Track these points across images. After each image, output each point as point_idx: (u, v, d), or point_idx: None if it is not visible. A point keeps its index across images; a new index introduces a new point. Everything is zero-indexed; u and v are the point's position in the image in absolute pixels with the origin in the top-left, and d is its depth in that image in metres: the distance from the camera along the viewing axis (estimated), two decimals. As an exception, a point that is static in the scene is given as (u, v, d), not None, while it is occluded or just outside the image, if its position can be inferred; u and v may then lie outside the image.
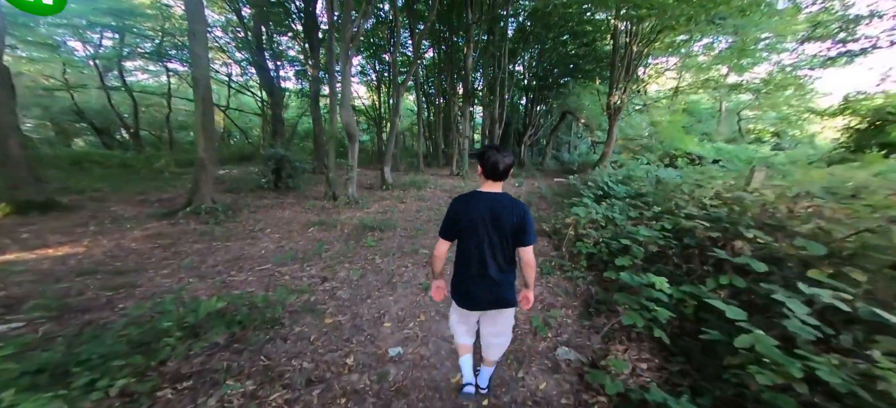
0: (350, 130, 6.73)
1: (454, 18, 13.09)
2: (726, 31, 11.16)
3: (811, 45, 9.77)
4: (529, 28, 15.97)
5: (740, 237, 2.30)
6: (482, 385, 1.87)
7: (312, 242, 4.93)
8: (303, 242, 4.99)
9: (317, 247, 4.65)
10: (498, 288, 1.54)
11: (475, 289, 1.55)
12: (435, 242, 1.65)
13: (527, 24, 15.51)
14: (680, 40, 11.35)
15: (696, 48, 14.44)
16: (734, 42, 12.39)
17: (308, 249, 4.69)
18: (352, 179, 7.11)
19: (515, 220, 1.46)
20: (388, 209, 7.12)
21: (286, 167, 8.16)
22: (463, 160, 12.62)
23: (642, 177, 5.87)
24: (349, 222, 5.96)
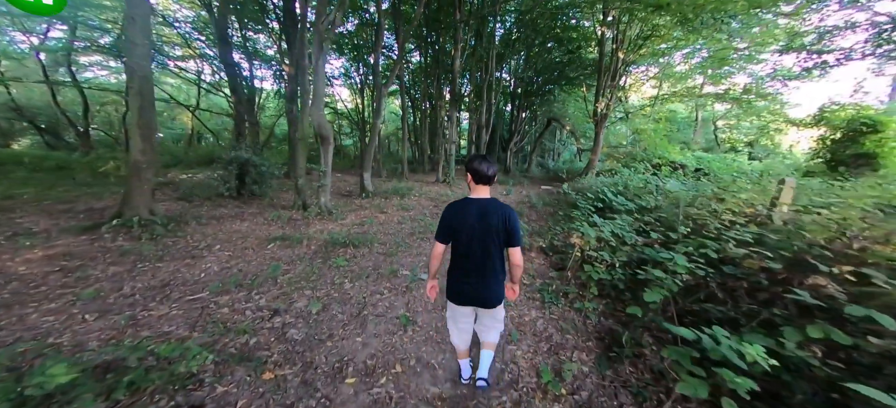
0: (322, 132, 5.89)
1: (441, 18, 12.51)
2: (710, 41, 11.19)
3: (787, 56, 9.84)
4: (516, 35, 15.68)
5: (816, 272, 1.71)
6: (484, 375, 1.95)
7: (269, 263, 4.06)
8: (256, 262, 4.10)
9: (271, 268, 3.78)
10: (487, 288, 1.68)
11: (466, 287, 1.69)
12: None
13: (513, 30, 15.19)
14: (664, 48, 11.26)
15: (677, 58, 14.59)
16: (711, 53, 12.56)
17: (261, 270, 3.82)
18: (324, 187, 6.25)
19: (502, 222, 1.60)
20: (365, 221, 6.29)
21: (251, 172, 7.18)
22: (449, 166, 11.95)
23: (640, 186, 5.38)
24: (318, 237, 5.10)
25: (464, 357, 2.03)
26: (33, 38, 11.75)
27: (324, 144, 6.06)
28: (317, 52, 5.65)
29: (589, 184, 8.43)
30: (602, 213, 4.74)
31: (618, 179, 6.97)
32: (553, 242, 4.69)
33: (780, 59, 9.88)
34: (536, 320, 3.03)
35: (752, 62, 10.93)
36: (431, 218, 6.86)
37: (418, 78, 18.29)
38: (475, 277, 1.66)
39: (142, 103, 4.52)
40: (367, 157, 8.51)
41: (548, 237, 5.06)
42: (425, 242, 5.28)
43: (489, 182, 1.64)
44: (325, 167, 6.15)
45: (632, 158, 13.57)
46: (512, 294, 1.83)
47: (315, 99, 5.74)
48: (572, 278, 3.52)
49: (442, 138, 13.09)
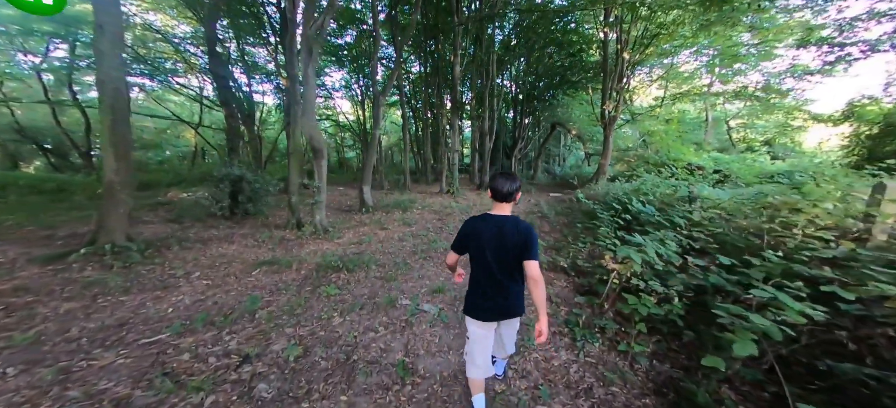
0: (315, 144, 5.42)
1: (439, 25, 12.17)
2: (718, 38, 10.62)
3: (805, 52, 9.21)
4: (515, 40, 15.32)
5: None
6: (498, 373, 2.11)
7: (253, 291, 3.52)
8: (237, 291, 3.56)
9: (249, 302, 3.23)
10: (506, 300, 1.67)
11: (487, 301, 1.67)
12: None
13: (512, 36, 14.83)
14: (670, 47, 10.71)
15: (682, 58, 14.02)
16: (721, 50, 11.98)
17: (240, 303, 3.28)
18: (320, 204, 5.74)
19: (520, 239, 1.57)
20: (364, 239, 5.75)
21: (245, 190, 6.72)
22: (453, 176, 11.42)
23: (669, 193, 4.74)
24: (310, 260, 4.56)
25: (479, 392, 1.82)
26: (35, 57, 11.69)
27: (317, 157, 5.58)
28: (306, 59, 5.23)
29: (604, 190, 7.81)
30: (628, 226, 4.12)
31: (640, 184, 6.33)
32: (576, 261, 4.07)
33: (797, 54, 9.25)
34: (569, 366, 2.41)
35: (768, 59, 10.31)
36: (435, 233, 6.29)
37: (419, 87, 17.99)
38: (498, 290, 1.65)
39: (114, 118, 4.09)
40: (366, 169, 8.03)
41: (568, 254, 4.44)
42: (429, 263, 4.70)
43: (508, 199, 1.62)
44: (318, 182, 5.66)
45: (644, 161, 12.91)
46: (540, 337, 1.56)
47: (305, 109, 5.29)
48: (609, 310, 2.88)
49: (444, 147, 12.61)
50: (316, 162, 5.61)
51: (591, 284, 3.49)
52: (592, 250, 4.20)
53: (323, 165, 5.63)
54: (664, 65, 14.75)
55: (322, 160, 5.61)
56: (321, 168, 5.63)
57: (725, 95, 14.15)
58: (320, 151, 5.53)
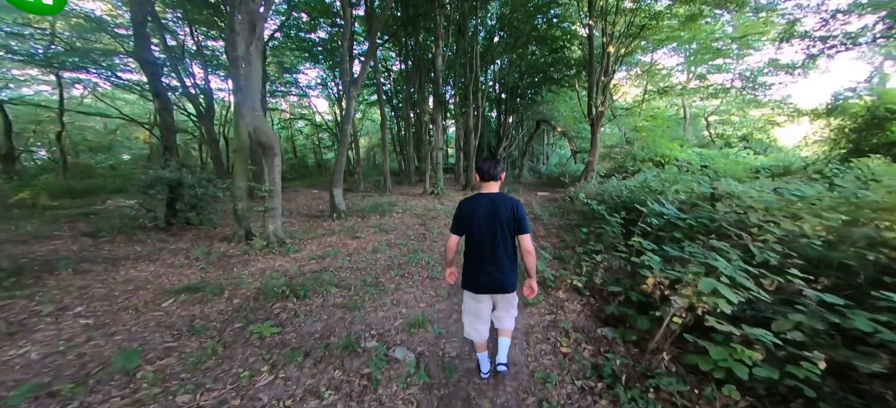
0: (261, 138, 4.32)
1: (419, 20, 11.23)
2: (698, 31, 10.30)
3: (787, 46, 8.98)
4: (497, 38, 14.62)
5: None
6: (503, 361, 1.98)
7: (157, 330, 2.43)
8: (126, 335, 2.46)
9: (122, 359, 2.14)
10: (501, 274, 1.74)
11: (482, 275, 1.75)
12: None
13: (495, 30, 14.10)
14: (659, 37, 10.28)
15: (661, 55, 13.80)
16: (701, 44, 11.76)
17: (108, 356, 2.19)
18: (272, 211, 4.64)
19: (510, 213, 1.71)
20: (328, 251, 4.70)
21: (184, 196, 5.50)
22: (437, 176, 10.47)
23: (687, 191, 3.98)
24: (249, 284, 3.48)
25: (482, 350, 1.97)
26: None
27: (266, 155, 4.48)
28: (248, 36, 4.14)
29: (598, 189, 7.07)
30: (651, 233, 3.32)
31: (643, 180, 5.60)
32: (587, 273, 3.23)
33: (779, 47, 9.02)
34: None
35: (751, 49, 10.11)
36: (416, 241, 5.33)
37: (400, 85, 16.95)
38: (491, 265, 1.72)
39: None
40: (337, 170, 6.94)
41: (579, 267, 3.60)
42: (407, 281, 3.74)
43: (494, 179, 1.78)
44: (270, 185, 4.56)
45: (631, 158, 12.49)
46: (530, 292, 1.84)
47: (247, 95, 4.19)
48: (665, 357, 1.97)
49: (427, 146, 11.66)
50: (266, 161, 4.51)
51: (625, 315, 2.63)
52: (612, 265, 3.36)
53: (275, 164, 4.54)
54: (643, 63, 14.51)
55: (273, 158, 4.52)
56: (273, 168, 4.53)
57: (704, 92, 14.05)
58: (270, 147, 4.43)
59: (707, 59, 11.59)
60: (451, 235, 1.84)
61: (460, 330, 2.47)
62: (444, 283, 3.73)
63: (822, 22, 7.85)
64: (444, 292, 3.44)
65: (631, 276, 3.09)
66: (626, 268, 3.12)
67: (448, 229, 6.46)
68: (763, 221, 2.43)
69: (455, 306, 3.15)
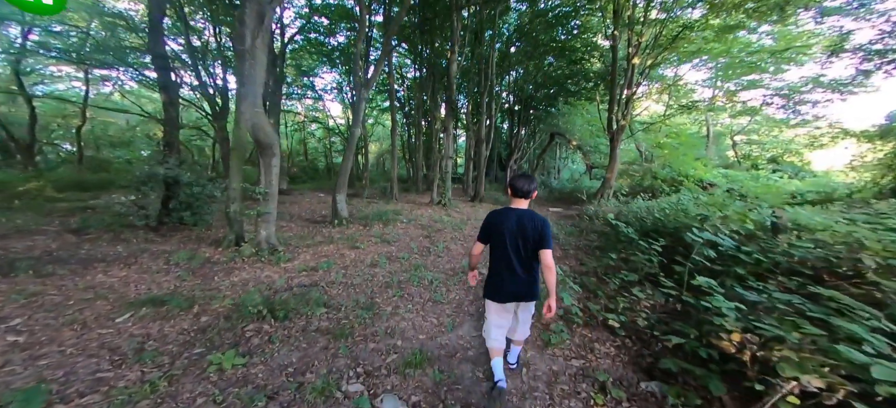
0: (259, 136, 3.94)
1: (436, 21, 10.98)
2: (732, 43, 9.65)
3: (836, 60, 8.21)
4: (514, 49, 14.27)
5: None
6: (512, 361, 2.12)
7: (101, 351, 1.97)
8: (58, 360, 2.01)
9: (24, 400, 1.67)
10: (523, 284, 1.80)
11: (505, 285, 1.82)
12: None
13: (513, 39, 13.75)
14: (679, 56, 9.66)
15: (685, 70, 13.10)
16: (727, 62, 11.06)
17: (18, 389, 1.71)
18: (267, 216, 4.22)
19: (537, 230, 1.74)
20: (323, 263, 4.23)
21: (179, 194, 5.17)
22: (445, 186, 9.99)
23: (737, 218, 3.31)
24: (226, 297, 3.02)
25: (498, 356, 1.96)
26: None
27: (263, 155, 4.09)
28: (254, 27, 3.81)
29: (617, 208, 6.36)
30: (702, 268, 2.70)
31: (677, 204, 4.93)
32: (631, 315, 2.62)
33: (827, 63, 8.28)
34: None
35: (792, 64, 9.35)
36: (419, 256, 4.81)
37: (413, 92, 16.74)
38: (515, 276, 1.77)
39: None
40: (342, 174, 6.54)
41: (615, 303, 2.99)
42: (406, 304, 3.21)
43: (526, 196, 1.81)
44: (266, 188, 4.15)
45: (652, 176, 11.72)
46: (549, 312, 1.81)
47: (247, 91, 3.84)
48: None
49: (437, 154, 11.24)
50: (263, 161, 4.13)
51: (686, 374, 2.00)
52: (656, 302, 2.73)
53: (273, 164, 4.14)
54: (665, 78, 13.85)
55: (272, 158, 4.12)
56: (270, 169, 4.13)
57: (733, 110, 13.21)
58: (268, 147, 4.04)
59: (739, 73, 10.85)
60: (477, 243, 1.91)
61: (466, 377, 2.15)
62: (449, 307, 3.19)
63: (880, 34, 7.09)
64: (448, 321, 2.89)
65: (680, 317, 2.47)
66: (674, 307, 2.50)
67: (454, 243, 5.74)
68: (880, 264, 1.80)
69: (461, 341, 2.60)
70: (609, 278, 3.44)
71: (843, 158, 10.35)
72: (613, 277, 3.39)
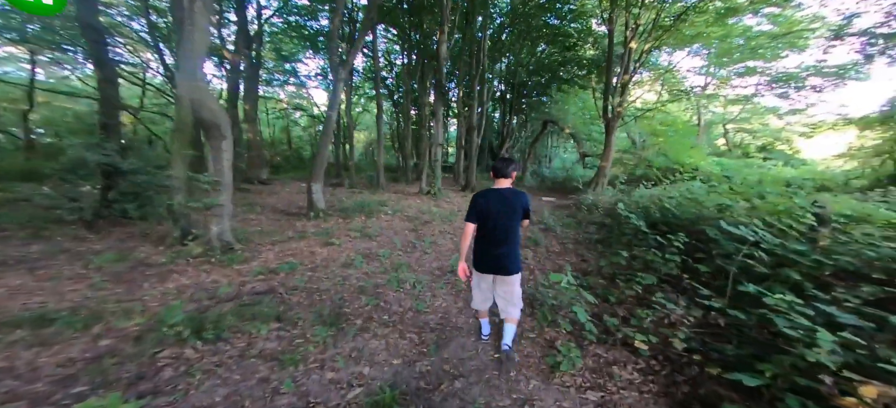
0: (202, 115, 3.18)
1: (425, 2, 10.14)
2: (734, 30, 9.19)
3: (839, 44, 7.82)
4: (506, 37, 13.51)
5: None
6: (508, 342, 2.05)
7: None
8: None
9: None
10: (505, 259, 1.93)
11: (487, 258, 1.95)
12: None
13: (504, 23, 12.99)
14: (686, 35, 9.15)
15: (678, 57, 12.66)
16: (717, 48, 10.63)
17: None
18: (217, 209, 3.51)
19: (521, 203, 1.94)
20: (286, 264, 3.57)
21: (120, 184, 4.39)
22: (435, 175, 9.34)
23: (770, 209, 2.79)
24: (149, 309, 2.35)
25: (484, 317, 2.24)
26: None
27: (209, 137, 3.36)
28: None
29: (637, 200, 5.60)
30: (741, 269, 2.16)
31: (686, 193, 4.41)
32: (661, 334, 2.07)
33: (828, 49, 7.91)
34: None
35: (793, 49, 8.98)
36: (403, 253, 4.19)
37: (402, 78, 15.84)
38: (497, 249, 1.91)
39: None
40: (317, 163, 5.80)
41: (621, 304, 2.45)
42: (381, 316, 2.62)
43: (507, 176, 1.94)
44: (214, 176, 3.43)
45: (646, 164, 11.33)
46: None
47: (186, 62, 3.08)
48: None
49: (427, 142, 10.53)
50: (209, 144, 3.40)
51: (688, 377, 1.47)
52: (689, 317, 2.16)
53: (223, 148, 3.41)
54: (658, 66, 13.38)
55: (221, 141, 3.38)
56: (220, 153, 3.41)
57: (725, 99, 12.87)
58: (214, 127, 3.30)
59: (737, 60, 10.44)
60: (468, 223, 1.95)
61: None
62: (434, 318, 2.61)
63: (886, 15, 6.68)
64: (432, 339, 2.32)
65: (725, 336, 1.93)
66: (715, 323, 1.96)
67: (443, 238, 5.05)
68: None
69: (447, 367, 2.03)
70: (621, 281, 2.90)
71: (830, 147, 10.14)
72: (627, 279, 2.86)
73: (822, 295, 1.67)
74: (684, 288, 2.46)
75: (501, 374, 1.91)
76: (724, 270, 2.36)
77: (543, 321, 2.41)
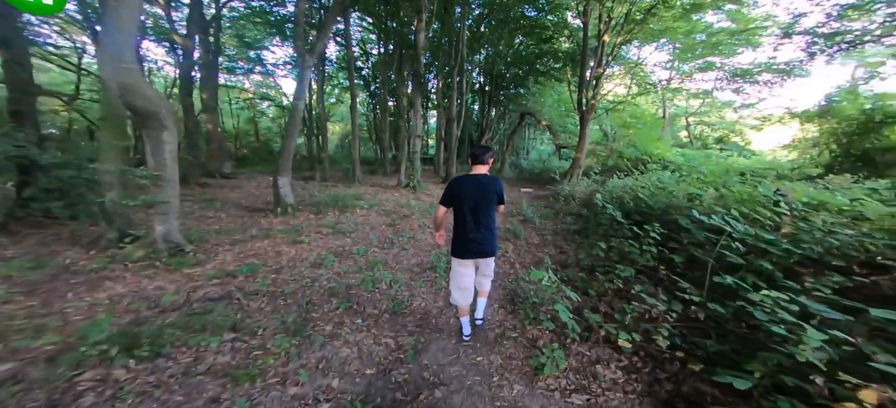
0: (133, 102, 2.68)
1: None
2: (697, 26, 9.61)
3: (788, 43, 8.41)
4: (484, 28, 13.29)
5: None
6: (480, 316, 2.26)
7: None
8: None
9: None
10: (484, 242, 1.98)
11: (469, 243, 1.97)
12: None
13: (483, 14, 12.75)
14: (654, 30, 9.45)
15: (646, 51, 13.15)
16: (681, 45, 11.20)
17: None
18: (161, 207, 3.06)
19: (495, 191, 2.00)
20: (243, 266, 3.22)
21: (40, 180, 3.75)
22: (414, 167, 9.05)
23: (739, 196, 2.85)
24: (72, 324, 1.97)
25: (465, 315, 2.16)
26: None
27: (145, 127, 2.90)
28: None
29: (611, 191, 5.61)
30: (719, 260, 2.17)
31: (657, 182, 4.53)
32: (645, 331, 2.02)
33: (778, 46, 8.49)
34: None
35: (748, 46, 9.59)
36: (379, 249, 3.96)
37: (379, 69, 15.18)
38: (476, 233, 1.95)
39: None
40: (284, 155, 5.32)
41: (601, 298, 2.41)
42: (353, 320, 2.41)
43: (484, 163, 2.00)
44: (155, 170, 2.98)
45: (618, 156, 11.74)
46: None
47: (111, 40, 2.58)
48: None
49: (404, 132, 10.17)
50: (146, 135, 2.94)
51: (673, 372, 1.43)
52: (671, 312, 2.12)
53: (164, 140, 2.94)
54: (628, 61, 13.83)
55: (161, 132, 2.92)
56: (160, 145, 2.94)
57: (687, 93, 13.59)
58: (152, 115, 2.82)
59: (699, 55, 11.00)
60: (440, 206, 2.02)
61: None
62: (413, 321, 2.43)
63: (827, 15, 7.24)
64: (410, 343, 2.14)
65: (703, 330, 1.92)
66: (695, 317, 1.95)
67: (422, 232, 4.92)
68: None
69: (426, 375, 1.87)
70: (600, 273, 2.88)
71: (776, 139, 11.00)
72: (606, 271, 2.84)
73: (793, 285, 1.69)
74: (661, 279, 2.46)
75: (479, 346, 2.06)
76: (697, 260, 2.39)
77: (526, 320, 2.31)
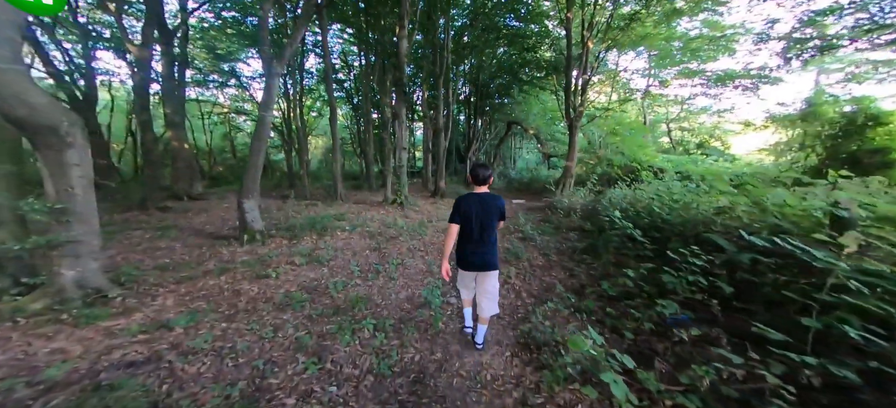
0: (18, 113, 1.98)
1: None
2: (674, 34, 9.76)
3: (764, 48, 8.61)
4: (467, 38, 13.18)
5: None
6: (478, 342, 2.27)
7: None
8: None
9: None
10: (486, 255, 2.08)
11: (471, 257, 2.09)
12: None
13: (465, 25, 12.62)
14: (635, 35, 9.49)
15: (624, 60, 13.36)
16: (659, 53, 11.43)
17: None
18: (73, 247, 2.35)
19: (498, 207, 2.11)
20: (181, 316, 2.53)
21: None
22: (400, 182, 8.48)
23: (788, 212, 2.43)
24: None
25: (468, 306, 2.41)
26: None
27: (41, 146, 2.21)
28: None
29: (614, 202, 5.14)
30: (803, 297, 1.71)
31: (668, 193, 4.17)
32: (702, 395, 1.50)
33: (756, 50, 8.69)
34: None
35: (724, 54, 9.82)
36: (362, 281, 3.33)
37: (361, 81, 14.71)
38: (480, 248, 2.06)
39: None
40: (249, 175, 4.61)
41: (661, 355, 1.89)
42: (327, 384, 1.76)
43: (485, 182, 2.10)
44: (59, 201, 2.29)
45: (606, 163, 11.62)
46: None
47: None
48: None
49: (389, 144, 9.63)
50: (41, 156, 2.26)
51: None
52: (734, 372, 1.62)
53: (67, 161, 2.26)
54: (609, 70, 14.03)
55: (63, 152, 2.23)
56: (64, 168, 2.25)
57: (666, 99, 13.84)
58: (49, 130, 2.14)
59: (678, 61, 11.20)
60: (452, 224, 2.05)
61: None
62: (403, 384, 1.82)
63: (799, 21, 7.39)
64: (395, 430, 1.54)
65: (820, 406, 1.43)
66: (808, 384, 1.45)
67: (412, 257, 4.25)
68: None
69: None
70: (629, 305, 2.38)
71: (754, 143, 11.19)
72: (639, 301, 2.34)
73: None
74: (714, 316, 1.98)
75: None
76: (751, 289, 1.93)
77: (553, 382, 1.76)
